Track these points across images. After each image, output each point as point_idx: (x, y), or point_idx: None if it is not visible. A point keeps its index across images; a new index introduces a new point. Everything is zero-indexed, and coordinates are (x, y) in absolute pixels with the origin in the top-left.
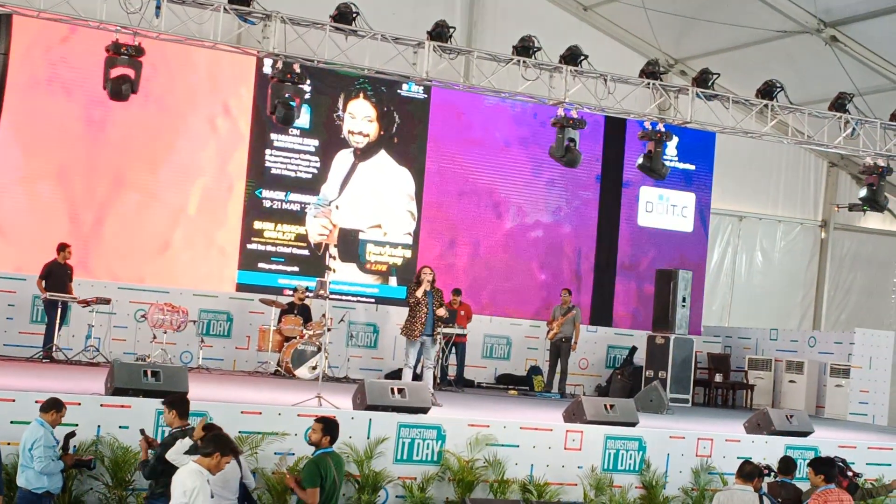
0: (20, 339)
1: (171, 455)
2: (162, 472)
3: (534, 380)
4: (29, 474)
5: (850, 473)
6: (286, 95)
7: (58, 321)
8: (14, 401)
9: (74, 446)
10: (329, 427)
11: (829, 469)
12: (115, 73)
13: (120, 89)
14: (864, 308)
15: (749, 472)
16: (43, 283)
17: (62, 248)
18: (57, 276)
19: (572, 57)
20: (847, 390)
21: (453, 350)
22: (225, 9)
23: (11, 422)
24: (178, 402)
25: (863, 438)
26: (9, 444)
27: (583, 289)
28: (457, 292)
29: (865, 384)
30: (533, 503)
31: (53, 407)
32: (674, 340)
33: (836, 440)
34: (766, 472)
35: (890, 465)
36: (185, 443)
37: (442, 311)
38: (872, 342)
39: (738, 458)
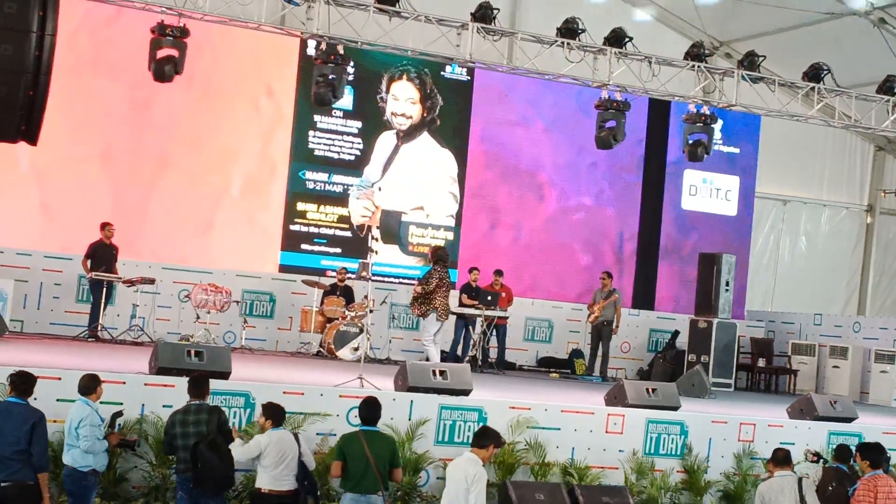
0: (66, 317)
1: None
2: (172, 448)
3: (575, 363)
4: (75, 453)
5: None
6: (330, 76)
7: (103, 301)
8: (60, 379)
9: (119, 425)
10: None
11: (876, 455)
12: (160, 54)
13: (163, 70)
14: None
15: (783, 457)
16: (88, 262)
17: (104, 226)
18: (102, 255)
19: (616, 39)
20: (892, 376)
21: (494, 332)
22: None
23: (57, 399)
24: (189, 381)
25: None
26: (55, 421)
27: (625, 272)
28: (499, 273)
29: None
30: (574, 486)
31: (93, 384)
32: (717, 325)
33: (880, 426)
34: (814, 459)
35: None
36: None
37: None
38: None
39: (780, 443)
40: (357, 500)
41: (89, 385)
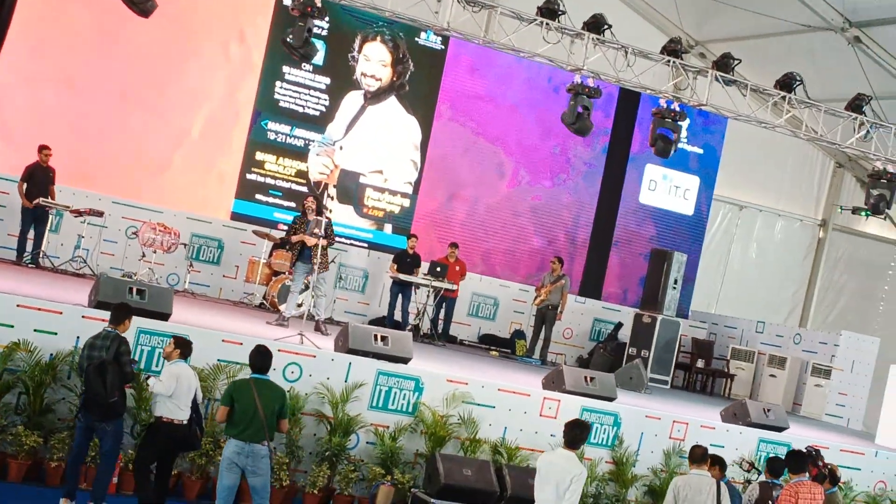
0: (9, 241)
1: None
2: (82, 369)
3: (516, 343)
4: None
5: (820, 463)
6: (308, 30)
7: (44, 228)
8: None
9: (52, 354)
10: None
11: (796, 461)
12: None
13: (146, 5)
14: (851, 311)
15: (701, 455)
16: (24, 185)
17: (42, 149)
18: (39, 178)
19: (596, 25)
20: (826, 391)
21: (443, 305)
22: None
23: None
24: (112, 308)
25: (836, 440)
26: None
27: (576, 259)
28: (454, 246)
29: (845, 387)
30: (502, 465)
31: None
32: (660, 321)
33: (809, 438)
34: (749, 468)
35: (860, 469)
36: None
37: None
38: (857, 346)
39: (711, 444)
40: (242, 447)
41: None
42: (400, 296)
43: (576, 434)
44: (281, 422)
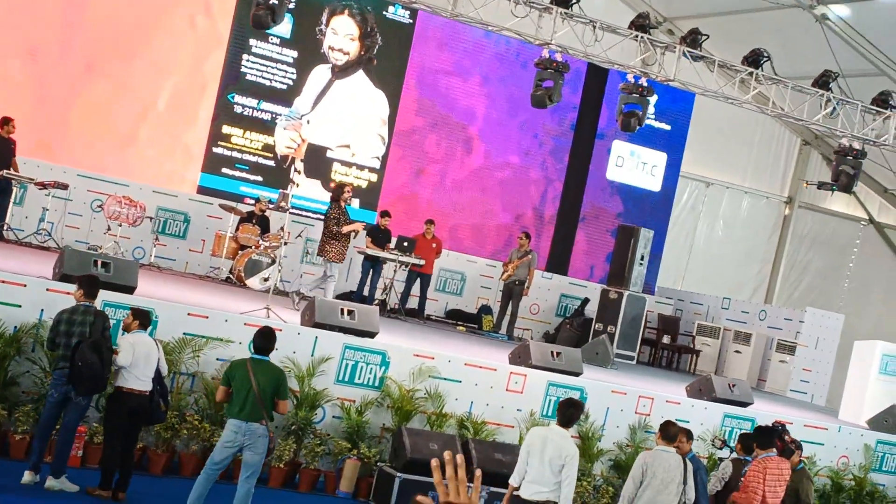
0: None
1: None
2: (54, 344)
3: (483, 319)
4: None
5: (786, 438)
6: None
7: (11, 200)
8: None
9: (16, 327)
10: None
11: (763, 437)
12: None
13: None
14: (816, 289)
15: (673, 433)
16: None
17: (6, 121)
18: (1, 151)
19: None
20: (790, 367)
21: (415, 280)
22: None
23: None
24: (85, 281)
25: (800, 415)
26: None
27: (543, 235)
28: (430, 222)
29: (809, 363)
30: (468, 440)
31: None
32: (627, 297)
33: (774, 414)
34: (721, 445)
35: (823, 444)
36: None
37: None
38: (822, 323)
39: (676, 419)
40: (239, 426)
41: None
42: (371, 271)
43: (571, 413)
44: (279, 403)
